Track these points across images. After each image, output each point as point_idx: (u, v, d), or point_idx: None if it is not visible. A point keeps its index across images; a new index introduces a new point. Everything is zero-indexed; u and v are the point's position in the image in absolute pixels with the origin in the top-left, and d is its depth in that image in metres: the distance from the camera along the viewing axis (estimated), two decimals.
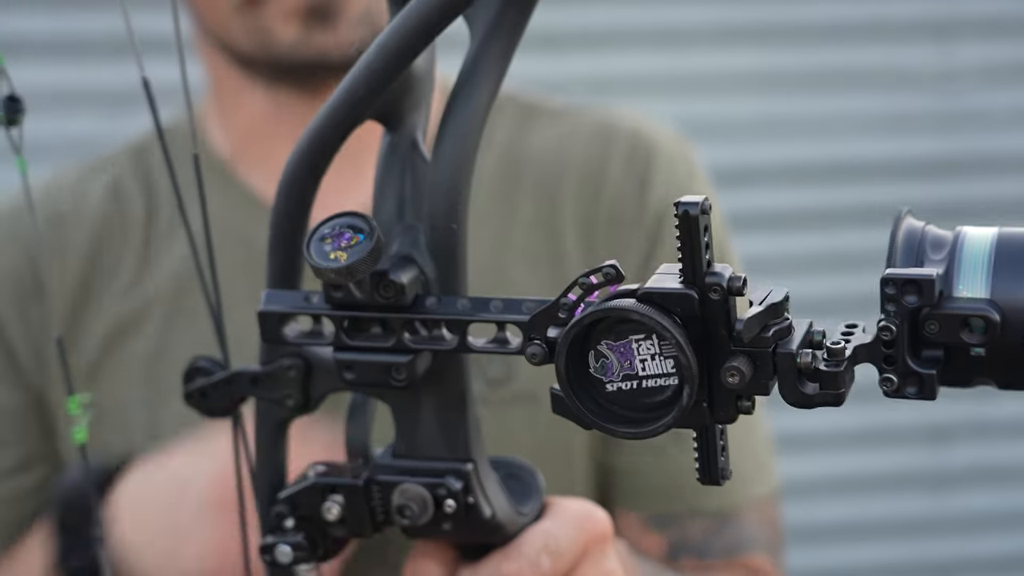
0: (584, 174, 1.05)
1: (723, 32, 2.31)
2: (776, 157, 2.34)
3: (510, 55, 0.63)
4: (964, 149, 2.39)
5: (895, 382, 0.54)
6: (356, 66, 0.61)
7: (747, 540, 1.05)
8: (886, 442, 2.40)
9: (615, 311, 0.55)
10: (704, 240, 0.54)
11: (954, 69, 2.39)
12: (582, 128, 1.07)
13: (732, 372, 0.54)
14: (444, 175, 0.62)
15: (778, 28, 2.33)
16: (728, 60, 2.32)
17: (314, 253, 0.59)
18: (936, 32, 2.37)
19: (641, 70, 2.29)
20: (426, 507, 0.64)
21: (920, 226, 0.56)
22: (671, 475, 1.04)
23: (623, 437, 0.57)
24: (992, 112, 2.40)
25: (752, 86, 2.33)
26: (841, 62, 2.35)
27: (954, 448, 2.43)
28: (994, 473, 2.44)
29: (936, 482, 2.43)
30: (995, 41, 2.39)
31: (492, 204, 1.04)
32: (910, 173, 2.38)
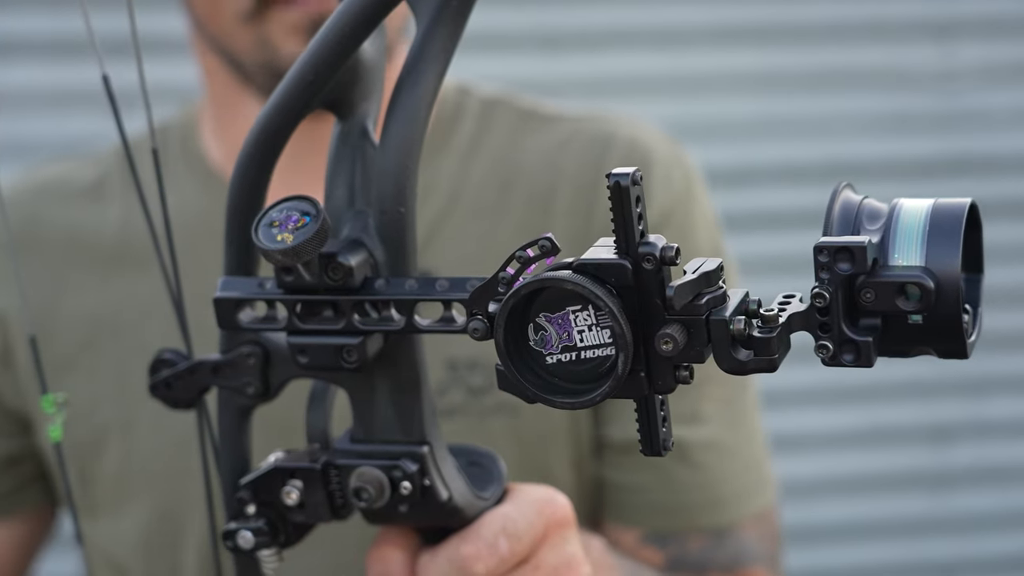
0: (578, 185, 1.04)
1: (722, 32, 2.31)
2: (775, 157, 2.34)
3: (455, 41, 0.64)
4: (964, 149, 2.39)
5: (831, 349, 0.54)
6: (303, 54, 0.62)
7: (746, 553, 1.05)
8: (886, 442, 2.40)
9: (549, 281, 0.56)
10: (637, 211, 0.55)
11: (954, 69, 2.39)
12: (578, 136, 1.07)
13: (666, 339, 0.55)
14: (391, 160, 0.63)
15: (778, 28, 2.33)
16: (727, 60, 2.32)
17: (262, 236, 0.60)
18: (936, 32, 2.37)
19: (640, 70, 2.29)
20: (383, 490, 0.65)
21: (858, 199, 0.56)
22: (672, 492, 1.03)
23: (561, 407, 0.57)
24: (992, 112, 2.40)
25: (751, 86, 2.33)
26: (841, 62, 2.35)
27: (954, 448, 2.43)
28: (994, 473, 2.44)
29: (936, 482, 2.43)
30: (995, 41, 2.39)
31: (484, 206, 1.04)
32: (910, 173, 2.38)
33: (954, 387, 2.41)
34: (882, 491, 2.41)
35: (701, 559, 1.03)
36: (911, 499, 2.42)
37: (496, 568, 0.67)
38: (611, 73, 2.26)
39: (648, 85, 2.29)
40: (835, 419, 2.38)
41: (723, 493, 1.04)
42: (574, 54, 2.26)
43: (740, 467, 1.05)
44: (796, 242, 2.26)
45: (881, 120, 2.37)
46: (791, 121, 2.35)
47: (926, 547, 2.42)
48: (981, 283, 0.58)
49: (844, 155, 2.36)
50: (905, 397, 2.39)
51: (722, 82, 2.32)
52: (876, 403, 2.38)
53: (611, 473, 1.04)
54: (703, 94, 2.32)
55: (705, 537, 1.04)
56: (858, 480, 2.40)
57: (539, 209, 1.03)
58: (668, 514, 1.03)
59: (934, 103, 2.39)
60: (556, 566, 0.69)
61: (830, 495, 2.40)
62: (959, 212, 0.54)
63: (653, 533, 1.03)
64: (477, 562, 0.66)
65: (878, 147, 2.36)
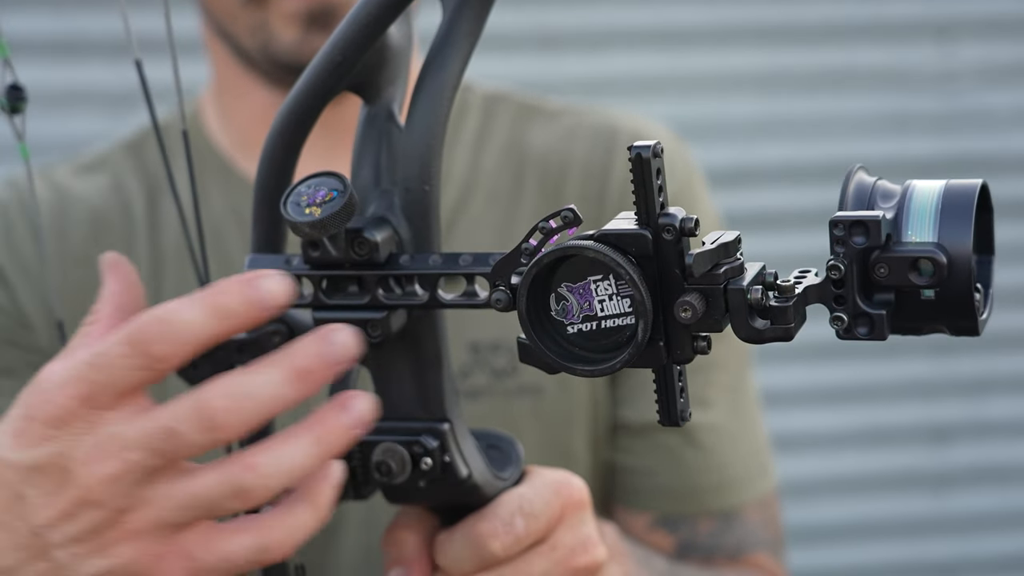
0: (588, 173, 1.07)
1: (722, 32, 2.31)
2: (776, 157, 2.34)
3: (481, 26, 0.65)
4: (964, 149, 2.39)
5: (845, 321, 0.56)
6: (332, 36, 0.63)
7: (751, 538, 1.07)
8: (887, 442, 2.40)
9: (571, 249, 0.57)
10: (657, 183, 0.56)
11: (954, 69, 2.39)
12: (583, 129, 1.09)
13: (685, 307, 0.56)
14: (417, 139, 0.64)
15: (778, 28, 2.33)
16: (727, 60, 2.32)
17: (290, 210, 0.61)
18: (936, 32, 2.37)
19: (640, 70, 2.29)
20: (404, 465, 0.66)
21: (871, 179, 0.58)
22: (681, 475, 1.05)
23: (581, 375, 0.58)
24: (992, 112, 2.40)
25: (751, 86, 2.33)
26: (841, 62, 2.35)
27: (954, 448, 2.43)
28: (994, 473, 2.44)
29: (936, 482, 2.43)
30: (995, 41, 2.39)
31: (499, 194, 1.06)
32: (910, 173, 2.36)
33: (954, 387, 2.41)
34: (882, 491, 2.41)
35: (710, 544, 1.05)
36: (911, 499, 2.42)
37: (512, 546, 0.67)
38: (611, 73, 2.26)
39: (648, 85, 2.29)
40: (835, 419, 2.38)
41: (730, 476, 1.06)
42: (574, 54, 2.26)
43: (744, 452, 1.07)
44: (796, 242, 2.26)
45: (881, 120, 2.37)
46: (791, 121, 2.35)
47: (926, 547, 2.42)
48: (992, 264, 0.60)
49: (844, 155, 2.36)
50: (905, 397, 2.39)
51: (722, 82, 2.32)
52: (876, 403, 2.38)
53: (622, 457, 1.06)
54: (703, 94, 2.32)
55: (713, 521, 1.05)
56: (858, 480, 2.40)
57: (551, 195, 1.05)
58: (678, 497, 1.05)
59: (934, 103, 2.39)
60: (572, 547, 0.70)
61: (830, 495, 2.40)
62: (971, 192, 0.56)
63: (663, 517, 1.05)
64: (493, 540, 0.67)
65: (878, 147, 2.36)
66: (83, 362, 0.57)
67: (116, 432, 0.56)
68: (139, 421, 0.56)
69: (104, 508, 0.56)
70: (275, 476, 0.56)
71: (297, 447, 0.57)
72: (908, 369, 2.36)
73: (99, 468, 0.56)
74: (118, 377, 0.56)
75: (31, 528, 0.58)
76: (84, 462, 0.56)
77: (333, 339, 0.57)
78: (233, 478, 0.56)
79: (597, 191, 1.06)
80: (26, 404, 0.58)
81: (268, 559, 0.58)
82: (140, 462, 0.56)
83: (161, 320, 0.56)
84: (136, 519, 0.57)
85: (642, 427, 1.05)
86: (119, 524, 0.57)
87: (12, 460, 0.58)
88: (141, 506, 0.56)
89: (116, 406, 0.56)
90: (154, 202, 1.06)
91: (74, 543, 0.57)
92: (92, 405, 0.56)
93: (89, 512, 0.57)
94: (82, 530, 0.57)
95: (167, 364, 0.56)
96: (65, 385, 0.57)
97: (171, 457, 0.56)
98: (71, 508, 0.57)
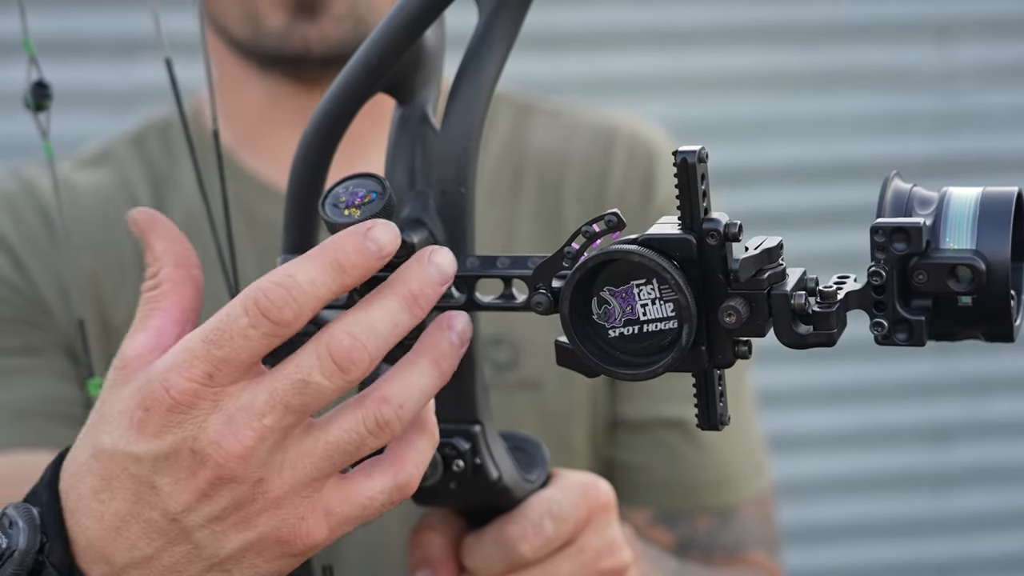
0: (586, 173, 1.07)
1: (723, 32, 2.31)
2: (776, 157, 2.35)
3: (517, 28, 0.65)
4: (964, 149, 2.39)
5: (885, 326, 0.56)
6: (370, 36, 0.63)
7: (748, 536, 1.07)
8: (887, 442, 2.40)
9: (617, 253, 0.57)
10: (701, 188, 0.56)
11: (954, 69, 2.39)
12: (581, 129, 1.09)
13: (729, 312, 0.56)
14: (453, 142, 0.64)
15: (778, 28, 2.33)
16: (728, 60, 2.32)
17: (329, 211, 0.61)
18: (936, 32, 2.38)
19: (640, 70, 2.29)
20: (436, 466, 0.66)
21: (908, 186, 0.58)
22: (680, 471, 1.06)
23: (623, 379, 0.58)
24: (992, 112, 2.40)
25: (751, 86, 2.33)
26: (841, 62, 2.35)
27: (954, 448, 2.43)
28: (994, 473, 2.44)
29: (937, 482, 2.43)
30: (995, 41, 2.39)
31: (500, 193, 1.06)
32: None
33: (954, 387, 2.41)
34: (882, 491, 2.41)
35: (708, 541, 1.06)
36: (911, 499, 2.42)
37: (541, 549, 0.67)
38: (611, 73, 2.27)
39: (648, 85, 2.29)
40: (835, 419, 2.38)
41: (728, 473, 1.06)
42: (574, 54, 2.26)
43: (741, 449, 1.08)
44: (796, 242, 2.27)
45: (881, 120, 2.37)
46: (791, 121, 2.35)
47: (926, 547, 2.42)
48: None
49: (844, 155, 2.36)
50: (905, 397, 2.39)
51: (722, 82, 2.32)
52: (876, 403, 2.38)
53: (620, 453, 1.06)
54: (703, 94, 2.32)
55: (711, 518, 1.06)
56: (858, 480, 2.40)
57: (550, 195, 1.06)
58: (676, 493, 1.05)
59: (934, 103, 2.39)
60: (599, 549, 0.70)
61: (830, 495, 2.40)
62: (1008, 199, 0.56)
63: (662, 513, 1.06)
64: (523, 542, 0.67)
65: (878, 147, 2.36)
66: (199, 340, 0.56)
67: (244, 403, 0.55)
68: (267, 383, 0.55)
69: (242, 483, 0.56)
70: (409, 403, 0.57)
71: (421, 371, 0.57)
72: (908, 369, 2.37)
73: (232, 444, 0.55)
74: (241, 349, 0.55)
75: (168, 515, 0.57)
76: (215, 441, 0.55)
77: (434, 260, 0.57)
78: (369, 414, 0.56)
79: (595, 191, 1.06)
80: (142, 394, 0.57)
81: (404, 496, 0.58)
82: (274, 425, 0.55)
83: (280, 284, 0.55)
84: (275, 485, 0.56)
85: (641, 423, 1.05)
86: (259, 495, 0.56)
87: (138, 453, 0.56)
88: (279, 471, 0.56)
89: (240, 379, 0.56)
90: (160, 196, 1.07)
91: (214, 522, 0.56)
92: (216, 383, 0.55)
93: (227, 490, 0.56)
94: (222, 508, 0.56)
95: (291, 328, 0.55)
96: (182, 367, 0.56)
97: (305, 411, 0.56)
98: (208, 489, 0.56)
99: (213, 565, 0.57)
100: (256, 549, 0.57)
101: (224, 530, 0.57)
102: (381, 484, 0.58)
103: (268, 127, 1.05)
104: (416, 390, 0.57)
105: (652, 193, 1.07)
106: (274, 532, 0.57)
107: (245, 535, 0.57)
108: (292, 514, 0.57)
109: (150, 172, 1.07)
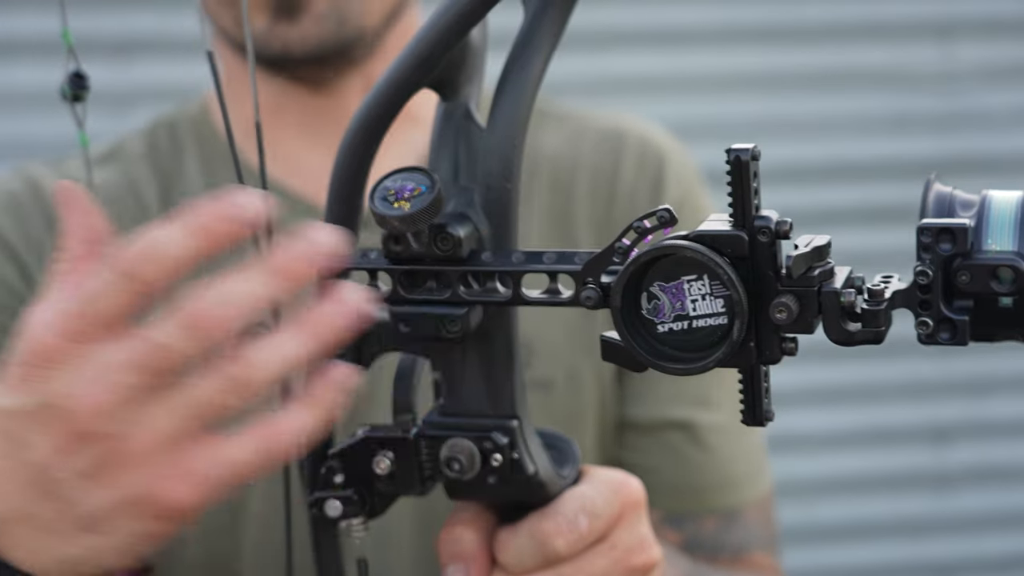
0: (597, 175, 1.08)
1: (723, 32, 2.31)
2: (775, 157, 2.33)
3: (563, 25, 0.66)
4: (964, 149, 2.39)
5: (930, 325, 0.57)
6: (419, 31, 0.63)
7: (752, 537, 1.08)
8: (887, 442, 2.40)
9: (670, 248, 0.58)
10: (754, 185, 0.57)
11: (954, 69, 2.39)
12: (591, 132, 1.11)
13: (780, 308, 0.57)
14: (499, 137, 0.65)
15: (778, 28, 2.33)
16: (727, 60, 2.32)
17: (378, 204, 0.62)
18: (937, 32, 2.38)
19: (640, 70, 2.29)
20: (473, 461, 0.66)
21: (948, 189, 0.59)
22: (686, 473, 1.06)
23: (674, 373, 0.60)
24: (992, 112, 2.40)
25: (751, 86, 2.33)
26: (841, 62, 2.35)
27: (955, 448, 2.43)
28: (994, 473, 2.44)
29: (937, 482, 2.43)
30: (995, 41, 2.39)
31: None
32: (910, 173, 2.37)
33: (954, 387, 2.41)
34: (882, 491, 2.41)
35: (714, 542, 1.06)
36: (911, 499, 2.42)
37: (575, 544, 0.68)
38: (611, 73, 2.27)
39: (648, 85, 2.29)
40: (835, 419, 2.38)
41: (733, 475, 1.07)
42: (574, 54, 2.26)
43: (745, 452, 1.08)
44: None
45: (881, 120, 2.37)
46: (791, 121, 2.35)
47: (926, 547, 2.42)
48: None
49: (844, 155, 2.36)
50: (905, 397, 2.39)
51: (722, 82, 2.32)
52: (876, 403, 2.38)
53: (627, 455, 1.07)
54: (703, 94, 2.32)
55: (717, 519, 1.07)
56: (858, 480, 2.41)
57: (562, 195, 1.07)
58: (682, 495, 1.06)
59: (934, 103, 2.39)
60: (630, 546, 0.71)
61: (830, 495, 2.40)
62: None
63: (669, 515, 1.06)
64: (558, 538, 0.67)
65: (879, 147, 2.36)
66: (67, 299, 0.58)
67: (103, 361, 0.57)
68: (127, 344, 0.57)
69: (102, 439, 0.57)
70: (268, 366, 0.57)
71: (288, 338, 0.58)
72: (908, 369, 2.37)
73: (92, 399, 0.57)
74: (104, 307, 0.57)
75: (36, 469, 0.58)
76: (72, 395, 0.57)
77: (308, 235, 0.58)
78: (227, 374, 0.57)
79: (606, 193, 1.07)
80: (18, 352, 0.59)
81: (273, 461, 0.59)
82: (130, 383, 0.57)
83: (144, 245, 0.57)
84: (136, 443, 0.57)
85: (649, 425, 1.06)
86: (120, 452, 0.57)
87: (9, 407, 0.59)
88: (141, 428, 0.57)
89: (104, 337, 0.57)
90: (166, 194, 1.07)
91: (80, 478, 0.58)
92: (80, 339, 0.57)
93: (88, 445, 0.57)
94: (86, 464, 0.58)
95: (152, 287, 0.57)
96: (52, 325, 0.58)
97: (163, 373, 0.57)
98: (70, 444, 0.57)
99: (86, 525, 0.59)
100: (123, 508, 0.58)
101: (90, 487, 0.58)
102: (247, 447, 0.58)
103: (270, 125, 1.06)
104: (280, 354, 0.58)
105: (661, 195, 1.08)
106: (139, 491, 0.58)
107: (111, 492, 0.58)
108: (155, 473, 0.58)
109: (158, 170, 1.08)
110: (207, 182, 1.07)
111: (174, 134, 1.09)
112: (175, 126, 1.10)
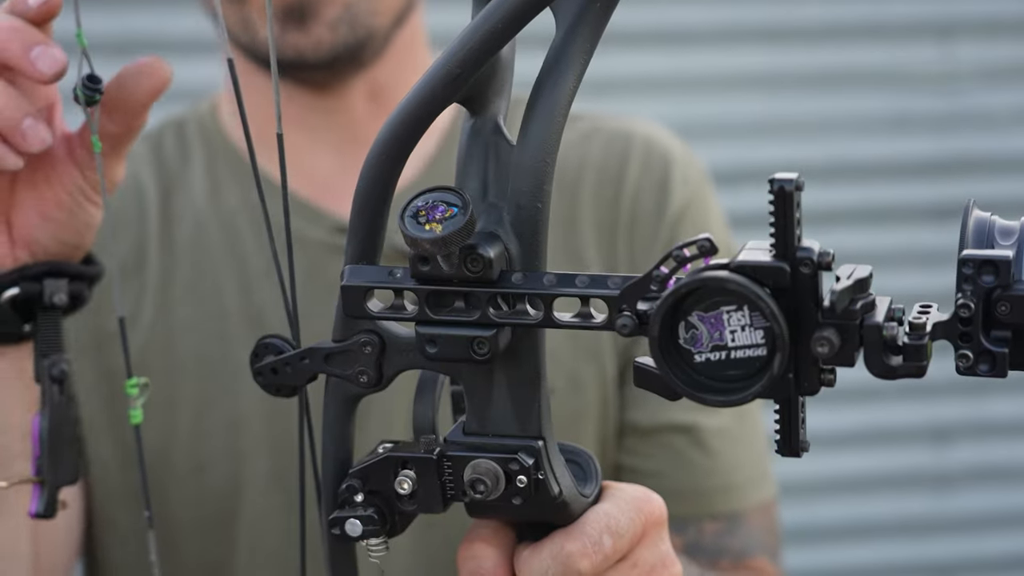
0: (602, 177, 1.08)
1: (723, 32, 2.31)
2: (775, 157, 2.34)
3: (595, 42, 0.65)
4: (964, 149, 2.39)
5: (971, 358, 0.57)
6: (451, 46, 0.62)
7: (754, 543, 1.08)
8: (887, 442, 2.40)
9: (713, 280, 0.57)
10: (797, 216, 0.57)
11: (954, 69, 2.39)
12: (598, 134, 1.11)
13: (822, 342, 0.56)
14: (531, 156, 0.63)
15: (778, 28, 2.33)
16: (728, 60, 2.32)
17: (409, 225, 0.61)
18: (937, 32, 2.37)
19: (641, 70, 2.29)
20: (498, 482, 0.65)
21: (987, 216, 0.58)
22: (688, 477, 1.06)
23: (713, 405, 0.58)
24: (992, 112, 2.40)
25: (752, 86, 2.33)
26: (841, 62, 2.35)
27: (955, 448, 2.43)
28: (994, 473, 2.44)
29: (937, 482, 2.43)
30: (995, 41, 2.39)
31: None
32: (911, 173, 2.38)
33: (954, 387, 2.41)
34: (882, 491, 2.41)
35: (715, 547, 1.06)
36: (911, 499, 2.42)
37: (600, 566, 0.67)
38: (613, 73, 2.26)
39: (649, 85, 2.29)
40: (835, 419, 2.38)
41: (735, 480, 1.07)
42: None
43: (748, 457, 1.08)
44: None
45: (882, 120, 2.37)
46: (791, 121, 2.35)
47: (926, 547, 2.42)
48: None
49: (844, 155, 2.36)
50: (905, 397, 2.39)
51: (723, 82, 2.32)
52: (876, 403, 2.38)
53: (628, 459, 1.07)
54: (703, 94, 2.32)
55: (719, 524, 1.06)
56: (858, 480, 2.40)
57: (567, 197, 1.07)
58: (685, 499, 1.06)
59: (934, 103, 2.39)
60: (653, 564, 0.70)
61: (830, 495, 2.40)
62: None
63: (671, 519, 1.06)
64: (583, 559, 0.67)
65: (879, 147, 2.36)
66: None
67: None
68: None
69: None
70: None
71: None
72: None
73: None
74: None
75: None
76: None
77: None
78: None
79: (611, 195, 1.07)
80: None
81: None
82: None
83: None
84: None
85: (650, 429, 1.06)
86: None
87: None
88: None
89: None
90: (168, 195, 1.07)
91: None
92: None
93: None
94: None
95: None
96: None
97: None
98: None
99: None
100: None
101: None
102: None
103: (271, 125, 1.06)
104: None
105: (667, 199, 1.08)
106: None
107: None
108: None
109: (161, 172, 1.08)
110: (210, 182, 1.07)
111: (181, 133, 1.10)
112: (183, 125, 1.11)
